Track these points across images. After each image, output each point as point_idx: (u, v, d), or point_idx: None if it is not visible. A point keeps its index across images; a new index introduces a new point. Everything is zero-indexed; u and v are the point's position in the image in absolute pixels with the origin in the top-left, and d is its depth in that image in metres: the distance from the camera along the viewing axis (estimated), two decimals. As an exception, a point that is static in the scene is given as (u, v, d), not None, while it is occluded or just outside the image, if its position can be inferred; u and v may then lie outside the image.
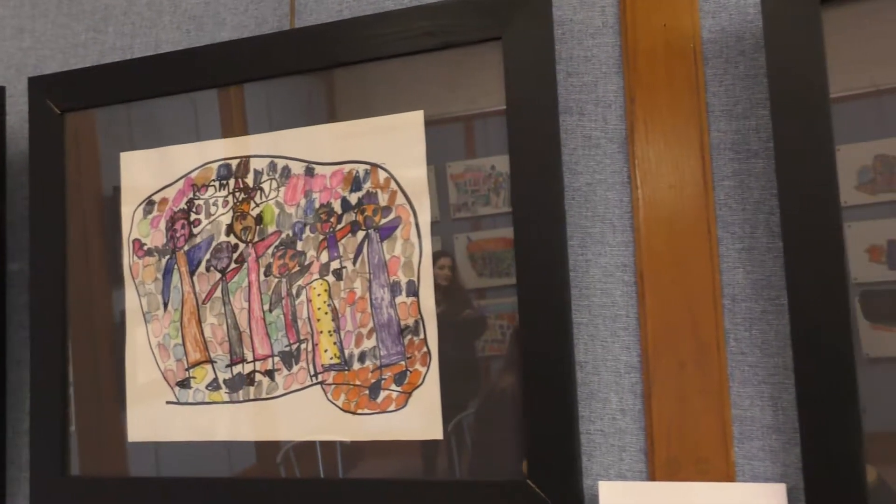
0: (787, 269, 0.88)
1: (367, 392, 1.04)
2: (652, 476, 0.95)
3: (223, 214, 1.12)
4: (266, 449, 1.08)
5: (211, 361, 1.11)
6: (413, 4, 1.10)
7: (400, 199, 1.04)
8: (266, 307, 1.09)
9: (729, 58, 0.98)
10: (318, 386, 1.06)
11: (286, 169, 1.09)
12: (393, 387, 1.03)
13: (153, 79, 1.17)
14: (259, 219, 1.10)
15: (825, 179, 0.88)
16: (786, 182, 0.89)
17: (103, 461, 1.15)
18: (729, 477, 0.92)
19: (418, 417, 1.02)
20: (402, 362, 1.03)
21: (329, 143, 1.08)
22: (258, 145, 1.11)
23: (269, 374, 1.08)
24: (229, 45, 1.14)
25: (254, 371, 1.09)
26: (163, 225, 1.15)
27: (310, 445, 1.06)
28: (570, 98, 1.04)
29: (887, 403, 0.85)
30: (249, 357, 1.09)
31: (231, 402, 1.10)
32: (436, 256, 1.00)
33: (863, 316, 0.87)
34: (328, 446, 1.06)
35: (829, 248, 0.87)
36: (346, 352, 1.05)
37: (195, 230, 1.13)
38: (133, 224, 1.16)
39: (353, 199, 1.06)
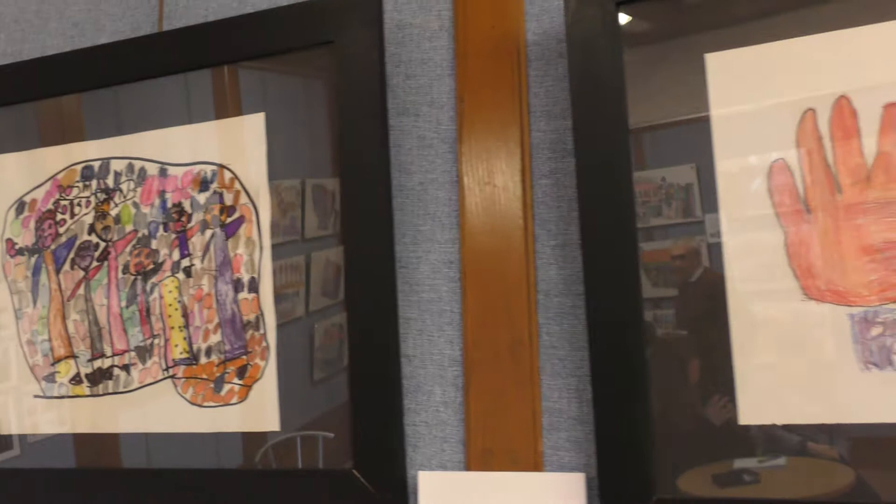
0: (585, 269, 0.91)
1: (212, 385, 1.08)
2: (468, 466, 0.98)
3: (86, 214, 1.16)
4: (123, 440, 1.12)
5: (74, 357, 1.15)
6: (267, 7, 1.13)
7: (243, 198, 1.08)
8: (123, 304, 1.13)
9: (550, 60, 1.01)
10: (170, 380, 1.10)
11: (142, 170, 1.14)
12: (235, 380, 1.07)
13: (25, 83, 1.21)
14: (118, 218, 1.14)
15: (621, 188, 0.90)
16: (585, 187, 0.92)
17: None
18: (537, 467, 0.96)
19: (257, 410, 1.06)
20: (244, 356, 1.06)
21: (181, 145, 1.12)
22: (118, 147, 1.15)
23: (126, 368, 1.13)
24: (96, 50, 1.18)
25: (112, 366, 1.13)
26: (32, 225, 1.19)
27: (163, 437, 1.10)
28: (408, 100, 1.08)
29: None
30: (108, 352, 1.14)
31: (92, 395, 1.14)
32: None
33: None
34: (176, 437, 1.10)
35: (624, 251, 0.90)
36: (195, 347, 1.09)
37: (61, 230, 1.17)
38: (6, 224, 1.21)
39: (202, 198, 1.10)
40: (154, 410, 1.11)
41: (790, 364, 0.84)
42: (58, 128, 1.19)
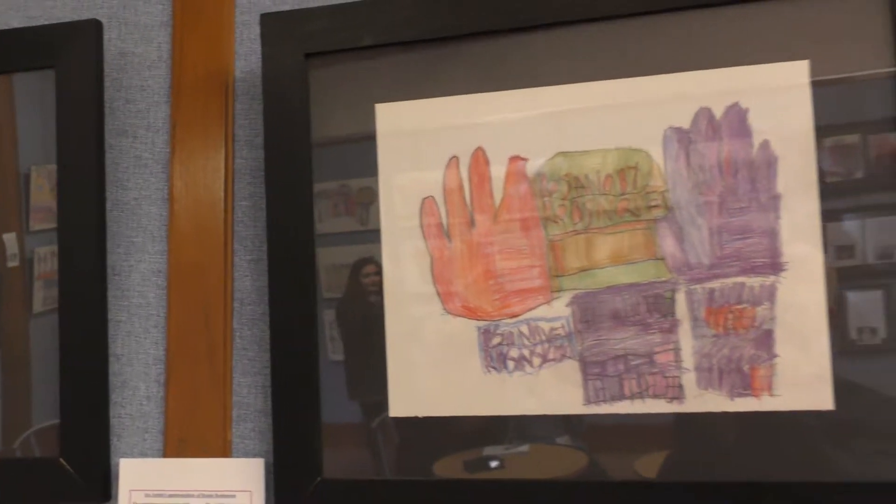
0: (270, 281, 1.05)
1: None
2: (165, 453, 1.11)
3: None
4: None
5: None
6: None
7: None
8: None
9: (254, 95, 1.15)
10: None
11: None
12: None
13: None
14: None
15: (303, 207, 1.06)
16: (273, 207, 1.06)
17: None
18: (225, 453, 1.09)
19: (-30, 403, 1.14)
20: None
21: None
22: None
23: None
24: None
25: None
26: None
27: None
28: (127, 122, 1.19)
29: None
30: None
31: None
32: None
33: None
34: None
35: (303, 264, 1.05)
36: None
37: None
38: None
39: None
40: None
41: (431, 367, 1.02)
42: None
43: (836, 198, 0.91)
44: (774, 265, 0.91)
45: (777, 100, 0.92)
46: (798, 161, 0.91)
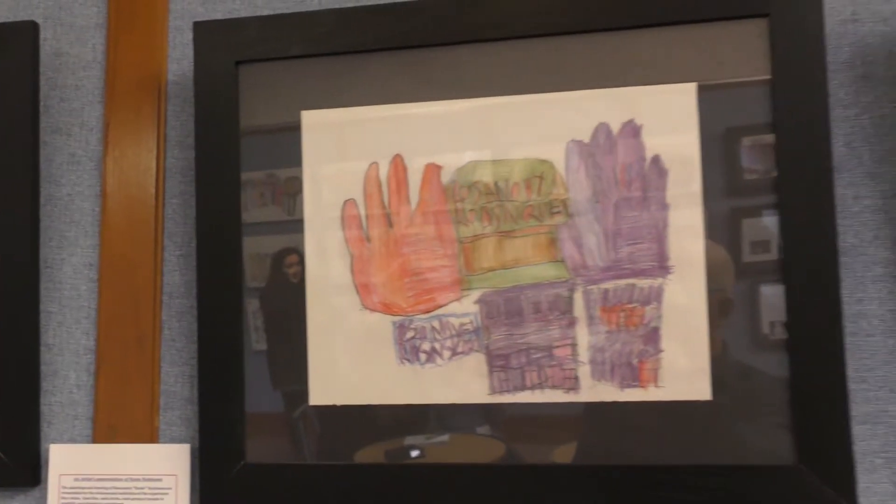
0: (198, 273, 1.12)
1: None
2: (95, 439, 1.16)
3: None
4: None
5: None
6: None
7: None
8: None
9: (186, 98, 1.21)
10: None
11: None
12: None
13: None
14: None
15: (231, 201, 1.12)
16: (202, 202, 1.13)
17: None
18: (153, 439, 1.15)
19: None
20: None
21: None
22: None
23: None
24: None
25: None
26: None
27: None
28: (61, 120, 1.24)
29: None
30: None
31: None
32: None
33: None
34: None
35: (230, 254, 1.11)
36: None
37: None
38: None
39: None
40: None
41: (349, 359, 1.09)
42: None
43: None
44: (662, 268, 1.00)
45: (668, 118, 1.01)
46: (685, 174, 1.01)
